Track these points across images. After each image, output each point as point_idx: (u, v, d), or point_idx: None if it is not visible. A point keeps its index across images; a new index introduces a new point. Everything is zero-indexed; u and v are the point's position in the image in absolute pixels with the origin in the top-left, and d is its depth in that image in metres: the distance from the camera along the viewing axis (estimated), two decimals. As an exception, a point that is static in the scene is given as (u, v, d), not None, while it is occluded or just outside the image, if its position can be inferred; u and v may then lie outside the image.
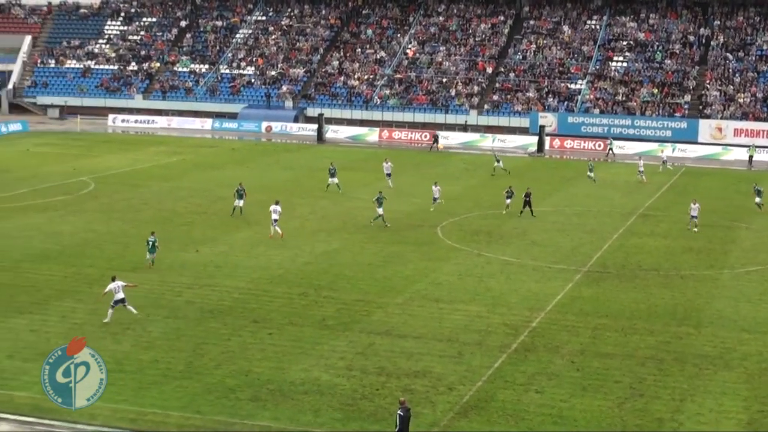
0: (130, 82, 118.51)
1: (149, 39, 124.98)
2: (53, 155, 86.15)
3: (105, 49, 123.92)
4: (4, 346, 36.89)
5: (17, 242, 52.97)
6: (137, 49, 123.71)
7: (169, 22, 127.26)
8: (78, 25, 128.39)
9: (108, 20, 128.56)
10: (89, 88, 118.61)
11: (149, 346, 37.28)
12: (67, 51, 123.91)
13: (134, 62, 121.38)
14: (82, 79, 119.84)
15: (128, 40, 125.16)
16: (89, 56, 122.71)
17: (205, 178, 74.12)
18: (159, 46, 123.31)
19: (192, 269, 48.26)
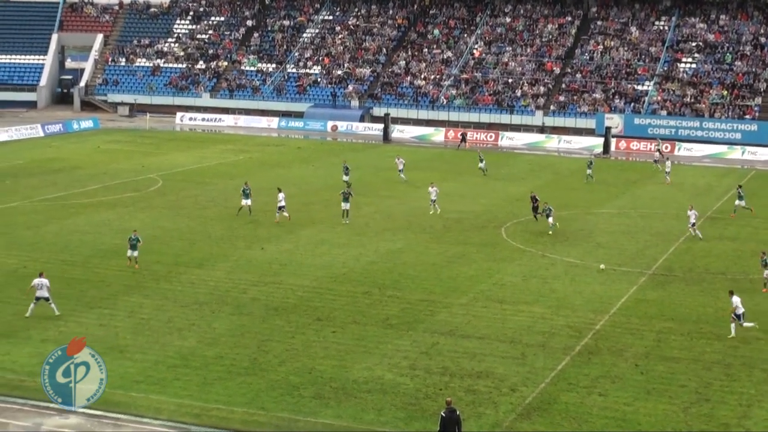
0: (198, 80, 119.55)
1: (217, 38, 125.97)
2: (123, 152, 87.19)
3: (174, 48, 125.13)
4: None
5: (88, 238, 53.73)
6: (205, 48, 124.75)
7: (237, 21, 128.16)
8: (148, 24, 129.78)
9: (177, 19, 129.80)
10: (158, 86, 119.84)
11: (214, 343, 37.61)
12: (138, 49, 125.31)
13: (202, 61, 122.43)
14: (152, 77, 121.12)
15: (197, 39, 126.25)
16: (159, 55, 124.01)
17: (271, 177, 74.52)
18: (227, 45, 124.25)
19: (257, 267, 48.59)
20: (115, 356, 35.83)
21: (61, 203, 63.32)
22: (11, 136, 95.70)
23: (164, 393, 32.72)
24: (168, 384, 33.51)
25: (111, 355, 35.88)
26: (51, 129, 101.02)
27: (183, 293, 43.83)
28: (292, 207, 61.94)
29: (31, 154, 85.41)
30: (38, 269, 45.88)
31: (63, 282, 44.87)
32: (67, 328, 38.80)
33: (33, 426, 30.30)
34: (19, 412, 31.17)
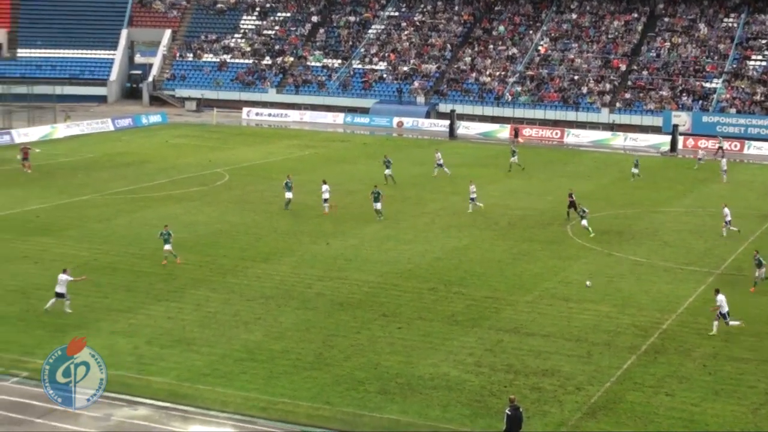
0: (264, 76, 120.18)
1: (283, 34, 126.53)
2: (190, 147, 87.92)
3: (240, 44, 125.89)
4: (144, 332, 37.89)
5: (156, 231, 54.14)
6: (271, 43, 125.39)
7: (303, 17, 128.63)
8: (215, 20, 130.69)
9: (244, 15, 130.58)
10: (225, 81, 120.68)
11: (280, 337, 37.82)
12: (205, 45, 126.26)
13: (268, 56, 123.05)
14: (219, 72, 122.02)
15: (263, 35, 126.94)
16: (225, 50, 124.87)
17: (337, 172, 74.71)
18: (293, 41, 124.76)
19: (323, 262, 48.77)
20: (182, 349, 36.20)
21: (131, 197, 64.04)
22: (83, 130, 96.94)
23: (231, 386, 32.99)
24: (234, 377, 33.77)
25: (178, 348, 36.29)
26: (121, 123, 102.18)
27: (249, 287, 44.13)
28: (356, 203, 62.20)
29: (102, 147, 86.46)
30: (109, 262, 46.59)
31: (132, 275, 45.43)
32: (136, 320, 39.26)
33: (103, 416, 30.69)
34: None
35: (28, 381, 33.13)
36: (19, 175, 71.04)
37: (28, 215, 57.82)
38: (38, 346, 36.09)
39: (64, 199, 62.85)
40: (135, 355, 35.54)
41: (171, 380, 33.33)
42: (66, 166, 76.12)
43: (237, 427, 30.45)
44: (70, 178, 70.58)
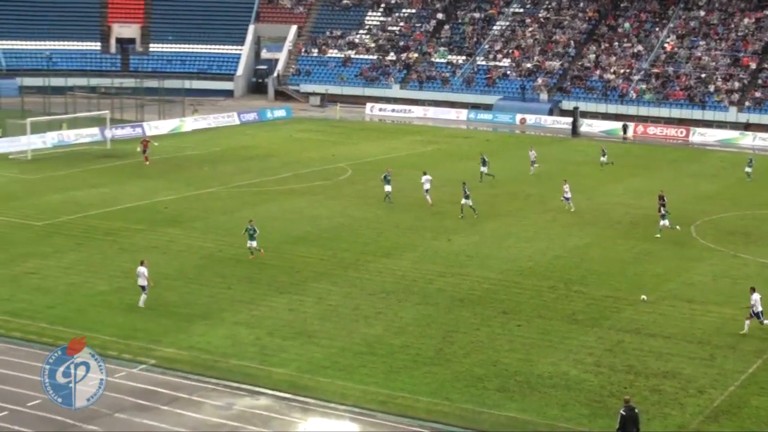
0: (388, 71, 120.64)
1: (408, 30, 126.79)
2: (314, 141, 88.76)
3: (365, 39, 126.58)
4: (266, 323, 38.40)
5: (279, 224, 54.96)
6: (396, 39, 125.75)
7: (428, 14, 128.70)
8: (340, 16, 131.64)
9: (369, 11, 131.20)
10: (349, 77, 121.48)
11: (400, 332, 37.95)
12: (330, 41, 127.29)
13: (393, 52, 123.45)
14: (343, 68, 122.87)
15: (388, 31, 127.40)
16: (350, 46, 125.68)
17: (458, 169, 74.53)
18: (417, 37, 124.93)
19: (444, 258, 48.78)
20: (303, 341, 36.59)
21: (255, 190, 64.94)
22: (209, 124, 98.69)
23: (350, 379, 33.22)
24: (354, 370, 34.00)
25: (299, 340, 36.69)
26: (246, 117, 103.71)
27: (370, 281, 44.38)
28: (478, 199, 61.90)
29: (228, 141, 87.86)
30: (233, 253, 47.29)
31: (255, 267, 46.08)
32: (258, 311, 39.82)
33: (225, 405, 31.21)
34: (213, 391, 32.18)
35: (154, 368, 33.87)
36: (149, 167, 72.66)
37: (156, 206, 59.11)
38: (164, 335, 36.89)
39: (190, 191, 64.08)
40: (257, 345, 36.04)
41: (292, 371, 33.73)
42: (193, 159, 77.58)
43: (356, 420, 30.66)
44: (196, 170, 71.93)
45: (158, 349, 35.50)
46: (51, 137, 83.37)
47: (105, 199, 60.78)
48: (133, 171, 71.01)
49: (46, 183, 66.09)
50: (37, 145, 79.54)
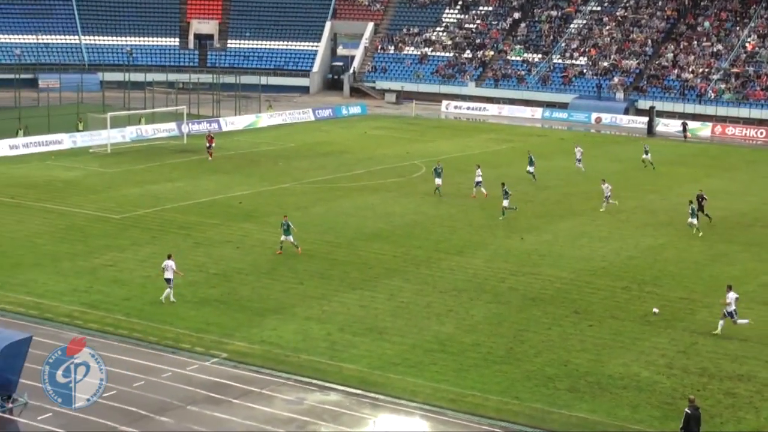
0: (464, 69, 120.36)
1: (485, 27, 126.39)
2: (388, 138, 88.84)
3: (442, 37, 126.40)
4: (337, 319, 38.53)
5: (352, 220, 55.11)
6: (472, 37, 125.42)
7: (505, 12, 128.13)
8: (417, 13, 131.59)
9: (446, 9, 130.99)
10: (425, 74, 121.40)
11: (471, 330, 37.85)
12: (406, 38, 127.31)
13: (469, 50, 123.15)
14: (419, 65, 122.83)
15: (464, 29, 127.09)
16: (426, 43, 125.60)
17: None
18: (494, 35, 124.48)
19: (516, 256, 48.55)
20: (374, 337, 36.65)
21: (329, 186, 65.19)
22: (285, 120, 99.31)
23: (421, 376, 33.21)
24: (425, 368, 33.98)
25: (370, 336, 36.75)
26: (321, 114, 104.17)
27: (442, 279, 44.32)
28: (551, 198, 61.72)
29: (303, 137, 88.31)
30: (305, 249, 47.47)
31: (327, 262, 46.25)
32: (329, 307, 39.97)
33: (296, 400, 31.38)
34: (284, 386, 32.37)
35: (226, 362, 34.17)
36: (226, 162, 73.30)
37: (231, 201, 59.60)
38: (237, 329, 37.19)
39: (265, 186, 64.51)
40: (328, 341, 36.18)
41: (362, 368, 33.80)
42: (268, 154, 78.09)
43: (426, 417, 30.65)
44: (271, 166, 72.39)
45: (230, 342, 35.81)
46: (130, 131, 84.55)
47: (181, 193, 61.45)
48: (208, 166, 71.67)
49: (124, 177, 66.99)
50: (116, 139, 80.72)
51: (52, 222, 53.20)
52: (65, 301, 39.84)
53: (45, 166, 70.12)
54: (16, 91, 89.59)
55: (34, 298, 40.16)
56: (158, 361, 34.10)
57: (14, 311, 38.66)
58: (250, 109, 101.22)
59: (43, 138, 78.55)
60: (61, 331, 36.55)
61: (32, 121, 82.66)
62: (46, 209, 56.25)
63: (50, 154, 75.40)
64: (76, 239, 49.50)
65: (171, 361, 34.17)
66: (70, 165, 71.00)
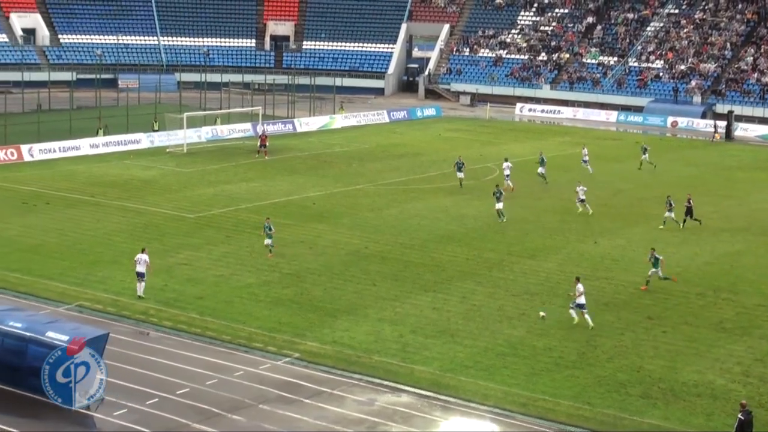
0: (539, 72, 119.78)
1: (560, 30, 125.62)
2: (462, 141, 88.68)
3: (517, 39, 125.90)
4: (409, 321, 38.53)
5: (426, 222, 55.10)
6: (548, 39, 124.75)
7: (581, 14, 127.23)
8: (493, 15, 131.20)
9: (521, 11, 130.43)
10: (500, 76, 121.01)
11: (543, 334, 37.63)
12: (481, 40, 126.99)
13: (544, 53, 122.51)
14: (494, 67, 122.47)
15: (540, 31, 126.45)
16: (501, 45, 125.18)
17: (607, 171, 73.65)
18: (569, 38, 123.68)
19: (589, 260, 48.20)
20: (446, 340, 36.60)
21: (402, 188, 65.23)
22: (359, 121, 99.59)
23: (492, 380, 33.09)
24: (496, 371, 33.86)
25: (442, 339, 36.71)
26: (396, 116, 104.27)
27: (515, 282, 44.14)
28: (625, 202, 61.17)
29: (377, 139, 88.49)
30: (379, 250, 47.58)
31: (401, 264, 46.28)
32: (402, 309, 39.99)
33: (367, 401, 31.43)
34: (356, 387, 32.44)
35: (298, 362, 34.33)
36: (300, 163, 73.74)
37: (305, 202, 59.90)
38: (309, 329, 37.36)
39: (338, 187, 64.75)
40: (400, 343, 36.20)
41: (434, 370, 33.77)
42: (342, 155, 78.38)
43: (496, 420, 30.53)
44: (345, 167, 72.64)
45: (302, 342, 35.97)
46: (206, 131, 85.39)
47: (255, 194, 61.91)
48: (283, 166, 72.13)
49: (199, 176, 67.68)
50: (192, 139, 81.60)
51: (129, 220, 53.92)
52: (141, 299, 40.31)
53: (123, 165, 71.11)
54: (96, 91, 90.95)
55: (112, 295, 40.73)
56: (231, 359, 34.37)
57: (92, 308, 39.24)
58: (324, 110, 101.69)
59: (122, 137, 79.68)
60: (137, 328, 37.04)
61: (112, 120, 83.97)
62: (124, 208, 57.04)
63: (129, 153, 76.43)
64: (153, 237, 50.10)
65: (244, 359, 34.42)
66: (148, 164, 71.93)
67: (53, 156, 73.71)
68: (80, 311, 38.73)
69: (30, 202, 57.66)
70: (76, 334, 29.95)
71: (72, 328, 30.81)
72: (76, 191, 61.37)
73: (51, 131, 78.55)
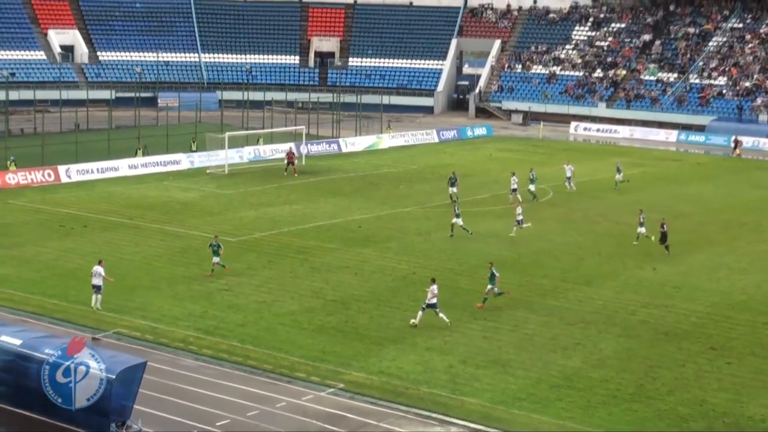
0: (594, 89, 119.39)
1: (616, 45, 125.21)
2: (514, 161, 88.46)
3: (571, 55, 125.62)
4: (459, 350, 38.38)
5: (476, 247, 54.95)
6: (603, 55, 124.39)
7: (638, 29, 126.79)
8: (546, 30, 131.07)
9: (576, 25, 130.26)
10: (553, 94, 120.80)
11: (600, 364, 37.34)
12: (534, 56, 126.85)
13: (600, 69, 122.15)
14: (547, 85, 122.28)
15: (595, 46, 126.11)
16: (555, 62, 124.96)
17: (667, 193, 73.15)
18: (626, 53, 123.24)
19: (648, 288, 47.81)
20: (497, 370, 36.40)
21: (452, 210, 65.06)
22: (407, 141, 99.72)
23: (545, 413, 32.84)
24: (550, 404, 33.62)
25: (493, 369, 36.52)
26: (446, 135, 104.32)
27: (569, 310, 43.87)
28: (687, 227, 60.65)
29: (426, 159, 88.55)
30: (428, 276, 47.38)
31: (450, 291, 46.07)
32: (451, 338, 39.84)
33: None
34: (403, 419, 32.31)
35: (343, 393, 34.26)
36: (346, 184, 73.90)
37: (350, 225, 59.98)
38: (354, 359, 37.30)
39: (385, 210, 64.79)
40: (449, 373, 36.06)
41: (485, 402, 33.58)
42: (389, 176, 78.48)
43: (550, 456, 30.34)
44: (392, 189, 72.68)
45: (347, 372, 35.92)
46: (247, 152, 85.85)
47: (298, 216, 62.09)
48: (327, 188, 72.33)
49: (241, 198, 68.02)
50: (234, 160, 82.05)
51: (169, 244, 54.26)
52: (180, 326, 40.50)
53: (163, 187, 71.66)
54: (136, 110, 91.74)
55: (150, 322, 40.92)
56: (273, 390, 34.39)
57: (130, 335, 39.45)
58: (371, 129, 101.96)
59: (161, 158, 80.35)
60: (176, 357, 37.18)
61: (151, 140, 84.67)
62: (164, 231, 57.42)
63: (168, 174, 77.05)
64: (192, 262, 50.38)
65: (286, 390, 34.43)
66: (188, 186, 72.44)
67: (91, 177, 74.45)
68: (118, 338, 38.95)
69: (67, 225, 58.20)
70: (113, 362, 30.09)
71: (109, 356, 30.94)
72: (115, 214, 61.89)
73: (89, 151, 79.33)
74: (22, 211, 62.52)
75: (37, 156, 76.35)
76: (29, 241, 54.19)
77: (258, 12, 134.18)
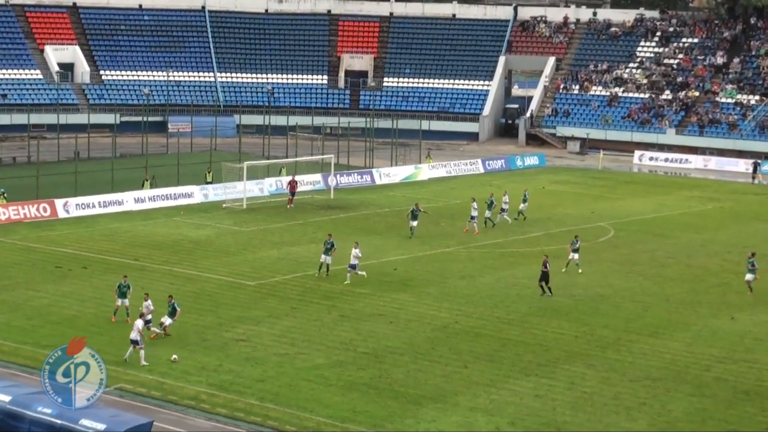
0: (662, 113, 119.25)
1: (688, 63, 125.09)
2: (570, 195, 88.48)
3: (636, 75, 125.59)
4: (507, 410, 38.28)
5: (527, 293, 54.81)
6: (673, 75, 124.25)
7: (714, 44, 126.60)
8: (607, 46, 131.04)
9: (641, 41, 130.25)
10: (615, 118, 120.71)
11: (669, 428, 37.19)
12: (593, 75, 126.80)
13: (668, 90, 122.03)
14: (608, 108, 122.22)
15: (663, 65, 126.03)
16: (617, 82, 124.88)
17: (747, 232, 72.85)
18: (699, 72, 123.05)
19: (724, 339, 47.59)
20: (552, 434, 36.38)
21: (499, 251, 65.14)
22: (449, 172, 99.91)
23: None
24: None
25: (547, 433, 36.46)
26: (492, 165, 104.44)
27: (633, 366, 43.72)
28: (762, 269, 60.32)
29: (470, 192, 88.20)
30: (471, 326, 47.53)
31: (498, 342, 46.11)
32: (498, 396, 39.79)
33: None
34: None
35: (376, 458, 34.30)
36: (378, 222, 74.02)
37: (385, 267, 60.04)
38: (389, 419, 37.29)
39: (425, 250, 64.84)
40: (496, 437, 36.06)
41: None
42: (428, 212, 78.43)
43: None
44: (432, 226, 72.64)
45: (381, 435, 35.96)
46: (269, 184, 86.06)
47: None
48: (359, 225, 72.51)
49: (261, 236, 68.31)
50: (253, 193, 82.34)
51: (179, 288, 54.43)
52: (191, 381, 40.62)
53: (173, 223, 72.07)
54: (143, 136, 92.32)
55: (157, 377, 41.07)
56: (296, 454, 34.46)
57: (135, 391, 39.58)
58: (408, 159, 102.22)
59: (171, 191, 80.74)
60: (185, 417, 37.27)
61: (160, 170, 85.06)
62: (173, 273, 57.71)
63: (179, 209, 77.46)
64: (205, 309, 50.57)
65: (311, 455, 34.49)
66: (201, 222, 72.82)
67: (92, 212, 74.92)
68: (121, 395, 39.08)
69: (65, 267, 58.60)
70: (116, 421, 30.26)
71: (110, 415, 31.12)
72: (118, 254, 62.28)
73: (90, 183, 79.78)
74: (13, 250, 63.04)
75: (31, 188, 76.86)
76: (20, 284, 54.60)
77: (281, 26, 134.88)
